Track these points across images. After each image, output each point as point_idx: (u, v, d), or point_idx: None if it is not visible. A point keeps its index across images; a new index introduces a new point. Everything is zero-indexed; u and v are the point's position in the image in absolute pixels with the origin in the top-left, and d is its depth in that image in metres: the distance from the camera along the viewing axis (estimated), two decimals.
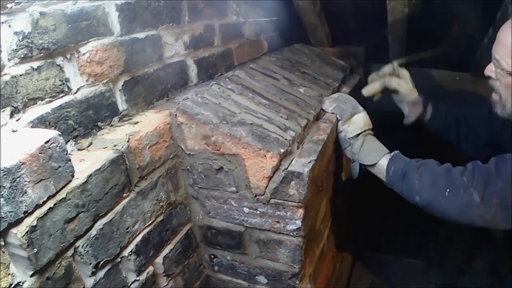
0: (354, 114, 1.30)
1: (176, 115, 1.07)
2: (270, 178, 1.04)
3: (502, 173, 0.99)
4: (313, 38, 1.96)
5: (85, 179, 0.79)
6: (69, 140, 0.89)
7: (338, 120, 1.31)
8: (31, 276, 0.70)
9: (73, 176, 0.77)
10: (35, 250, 0.69)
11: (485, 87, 1.90)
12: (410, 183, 1.11)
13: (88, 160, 0.84)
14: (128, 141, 0.92)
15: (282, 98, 1.30)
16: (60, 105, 0.87)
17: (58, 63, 0.85)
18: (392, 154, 1.21)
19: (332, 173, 1.40)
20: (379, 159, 1.20)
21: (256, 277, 1.24)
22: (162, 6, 1.14)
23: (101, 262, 0.86)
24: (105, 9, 0.95)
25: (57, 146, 0.72)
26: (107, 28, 0.97)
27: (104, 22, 0.96)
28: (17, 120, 0.78)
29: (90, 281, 0.84)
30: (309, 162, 1.04)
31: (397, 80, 1.50)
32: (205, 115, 1.07)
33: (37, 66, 0.80)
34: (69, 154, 0.76)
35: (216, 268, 1.31)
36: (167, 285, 1.12)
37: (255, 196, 1.07)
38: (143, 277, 1.02)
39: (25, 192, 0.67)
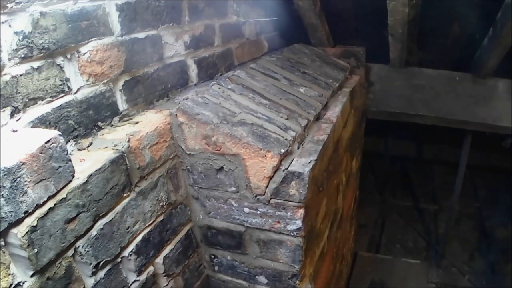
0: None
1: (176, 115, 1.07)
2: (270, 178, 1.04)
3: None
4: (313, 38, 1.96)
5: (86, 179, 0.79)
6: (69, 140, 0.89)
7: None
8: (31, 276, 0.70)
9: (73, 176, 0.77)
10: (36, 250, 0.69)
11: (485, 87, 1.91)
12: None
13: (88, 160, 0.84)
14: (128, 141, 0.92)
15: (282, 98, 1.30)
16: (60, 105, 0.87)
17: (58, 63, 0.85)
18: None
19: (332, 173, 1.40)
20: None
21: (256, 277, 1.24)
22: (162, 6, 1.14)
23: (102, 262, 0.86)
24: (105, 9, 0.95)
25: (57, 146, 0.72)
26: (108, 28, 0.97)
27: (105, 22, 0.96)
28: (17, 120, 0.78)
29: (90, 281, 0.84)
30: (310, 162, 1.04)
31: None
32: (206, 115, 1.07)
33: (37, 66, 0.80)
34: (70, 154, 0.76)
35: (216, 268, 1.31)
36: (167, 285, 1.12)
37: (256, 196, 1.07)
38: (143, 277, 1.02)
39: (26, 192, 0.67)
